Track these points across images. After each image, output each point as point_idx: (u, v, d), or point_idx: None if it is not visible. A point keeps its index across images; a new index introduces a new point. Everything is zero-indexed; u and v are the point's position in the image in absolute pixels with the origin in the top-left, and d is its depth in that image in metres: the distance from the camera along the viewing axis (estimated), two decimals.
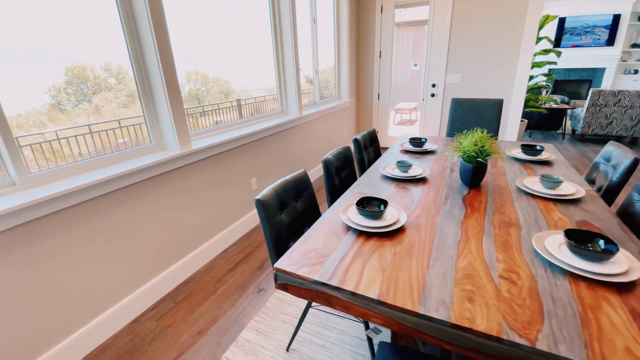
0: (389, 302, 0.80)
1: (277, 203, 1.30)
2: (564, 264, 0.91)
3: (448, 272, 0.90)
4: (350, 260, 0.97)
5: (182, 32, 1.96)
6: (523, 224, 1.16)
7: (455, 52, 3.97)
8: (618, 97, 4.37)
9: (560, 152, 1.74)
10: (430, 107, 4.36)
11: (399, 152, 2.17)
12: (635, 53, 7.19)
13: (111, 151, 1.66)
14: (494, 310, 0.76)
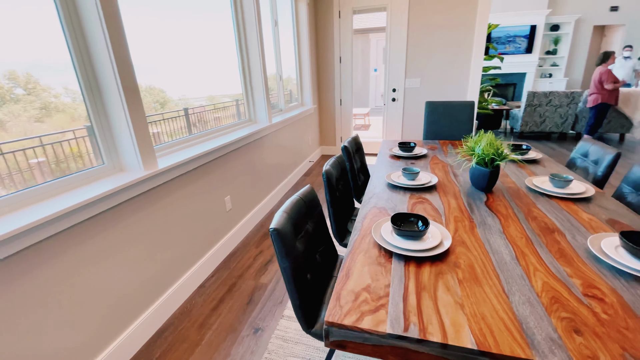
0: (493, 351, 0.64)
1: (292, 230, 1.07)
2: (633, 269, 0.84)
3: (531, 298, 0.78)
4: (416, 297, 0.80)
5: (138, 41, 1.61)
6: (562, 228, 1.10)
7: (413, 57, 4.08)
8: (549, 98, 4.91)
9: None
10: (392, 111, 4.41)
11: (388, 157, 2.06)
12: (549, 59, 8.28)
13: (51, 177, 1.26)
14: (606, 339, 0.65)
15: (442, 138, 2.70)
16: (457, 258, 0.95)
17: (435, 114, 2.67)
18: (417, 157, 2.04)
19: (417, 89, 4.20)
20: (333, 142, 4.82)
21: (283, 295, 1.84)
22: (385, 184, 1.58)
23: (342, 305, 0.78)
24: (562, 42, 8.08)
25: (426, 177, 1.57)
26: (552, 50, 8.29)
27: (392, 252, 0.99)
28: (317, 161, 4.55)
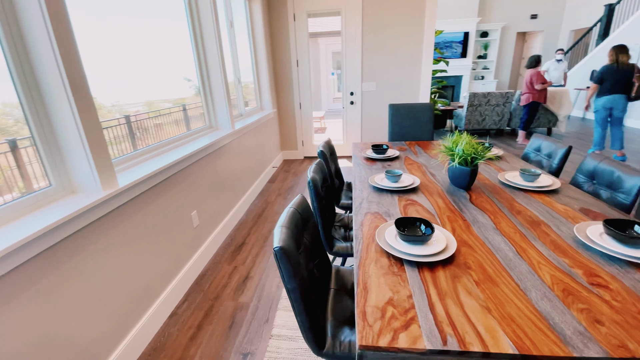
0: (534, 353, 0.64)
1: (295, 246, 0.99)
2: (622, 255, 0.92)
3: (547, 293, 0.80)
4: (442, 305, 0.77)
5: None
6: (545, 220, 1.17)
7: (368, 62, 4.18)
8: (488, 98, 5.41)
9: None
10: (351, 114, 4.48)
11: (363, 160, 2.06)
12: (481, 63, 9.14)
13: None
14: (627, 327, 0.69)
15: (406, 139, 2.78)
16: (465, 259, 0.95)
17: (398, 116, 2.75)
18: (391, 159, 2.07)
19: (374, 92, 4.32)
20: (294, 146, 4.75)
21: (268, 313, 1.73)
22: (370, 188, 1.56)
23: (371, 325, 0.72)
24: (491, 47, 8.97)
25: (409, 179, 1.59)
26: (483, 54, 9.18)
27: (401, 259, 0.96)
28: (280, 167, 4.44)
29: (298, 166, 4.43)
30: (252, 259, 2.23)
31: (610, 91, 3.79)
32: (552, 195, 1.40)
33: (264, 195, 3.43)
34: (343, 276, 1.33)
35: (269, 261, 2.20)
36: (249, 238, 2.53)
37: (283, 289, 1.90)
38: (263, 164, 3.76)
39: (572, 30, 8.34)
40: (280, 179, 3.90)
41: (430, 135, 2.73)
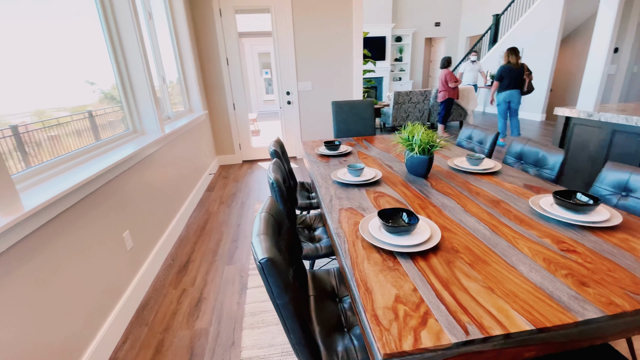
0: (548, 325, 0.65)
1: (280, 255, 0.87)
2: (575, 221, 1.03)
3: (532, 264, 0.84)
4: (449, 293, 0.74)
5: None
6: (502, 198, 1.27)
7: (302, 61, 4.15)
8: (410, 96, 5.88)
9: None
10: (289, 114, 4.40)
11: (316, 158, 2.00)
12: (397, 65, 9.95)
13: None
14: (606, 284, 0.75)
15: (351, 135, 2.82)
16: (451, 243, 0.96)
17: (342, 113, 2.77)
18: (345, 155, 2.05)
19: (310, 91, 4.31)
20: (231, 150, 4.46)
21: (233, 335, 1.54)
22: (335, 184, 1.50)
23: (388, 328, 0.65)
24: (405, 51, 9.84)
25: (370, 172, 1.58)
26: (399, 57, 10.02)
27: (392, 251, 0.92)
28: (217, 173, 4.11)
29: (237, 171, 4.17)
30: (202, 278, 1.98)
31: (508, 87, 4.46)
32: (497, 176, 1.54)
33: (203, 205, 3.11)
34: (320, 280, 1.24)
35: (223, 277, 1.98)
36: (195, 255, 2.25)
37: (245, 306, 1.72)
38: (199, 171, 3.42)
39: (467, 37, 9.64)
40: (220, 186, 3.61)
41: (372, 131, 2.81)
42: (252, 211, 2.92)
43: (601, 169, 2.32)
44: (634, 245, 0.90)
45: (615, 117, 2.14)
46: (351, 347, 0.95)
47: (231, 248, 2.32)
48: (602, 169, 1.37)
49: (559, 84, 6.85)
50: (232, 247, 2.34)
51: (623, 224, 1.02)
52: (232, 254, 2.24)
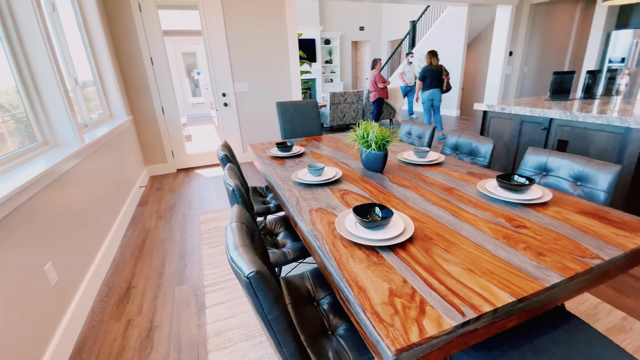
0: (525, 294, 0.72)
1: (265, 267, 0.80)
2: (518, 200, 1.17)
3: (496, 242, 0.93)
4: (436, 280, 0.78)
5: None
6: (453, 185, 1.38)
7: (237, 62, 3.99)
8: (345, 97, 6.11)
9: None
10: (227, 116, 4.18)
11: (269, 160, 1.93)
12: (328, 67, 10.25)
13: None
14: (557, 252, 0.87)
15: (297, 135, 2.80)
16: (423, 231, 1.01)
17: (287, 114, 2.73)
18: (299, 155, 2.02)
19: (247, 92, 4.17)
20: (162, 158, 4.06)
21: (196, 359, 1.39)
22: (297, 185, 1.46)
23: (392, 324, 0.65)
24: (334, 53, 10.18)
25: (331, 171, 1.58)
26: (329, 59, 10.33)
27: (373, 246, 0.93)
28: (149, 185, 3.70)
29: (172, 181, 3.81)
30: (150, 304, 1.75)
31: (430, 86, 4.93)
32: (442, 166, 1.68)
33: (137, 222, 2.77)
34: (295, 286, 1.20)
35: (175, 300, 1.79)
36: (136, 279, 1.98)
37: (207, 327, 1.57)
38: (127, 185, 3.03)
39: (389, 41, 10.41)
40: (155, 199, 3.25)
41: (319, 130, 2.83)
42: (196, 224, 2.70)
43: (515, 155, 2.69)
44: (567, 215, 1.07)
45: (522, 110, 2.52)
46: (341, 349, 0.93)
47: (179, 267, 2.10)
48: (525, 154, 1.59)
49: (468, 83, 7.84)
50: (180, 265, 2.12)
51: (553, 199, 1.20)
52: (182, 273, 2.03)
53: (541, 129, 2.47)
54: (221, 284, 1.89)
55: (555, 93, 2.94)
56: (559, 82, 2.92)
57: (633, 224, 0.99)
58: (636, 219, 1.02)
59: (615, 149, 2.00)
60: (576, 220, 1.03)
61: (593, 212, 1.08)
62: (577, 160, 1.38)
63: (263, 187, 2.28)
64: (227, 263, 2.09)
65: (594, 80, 2.86)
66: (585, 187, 1.34)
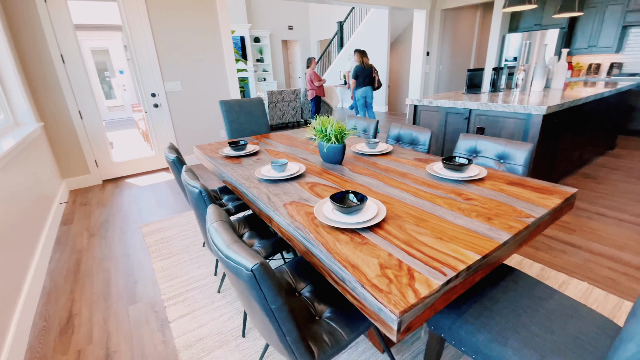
0: (487, 252, 0.86)
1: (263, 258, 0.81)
2: (461, 177, 1.36)
3: (454, 214, 1.08)
4: (415, 250, 0.88)
5: None
6: (405, 171, 1.54)
7: (167, 59, 3.70)
8: (282, 95, 6.11)
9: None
10: (158, 118, 3.86)
11: (223, 160, 1.87)
12: (260, 66, 10.09)
13: None
14: (502, 216, 1.05)
15: (245, 135, 2.74)
16: (393, 212, 1.11)
17: (233, 112, 2.66)
18: (255, 154, 1.99)
19: (181, 92, 3.91)
20: (84, 169, 3.57)
21: None
22: (262, 182, 1.46)
23: (390, 292, 0.73)
24: (265, 52, 10.07)
25: (294, 166, 1.61)
26: (260, 58, 10.18)
27: (354, 229, 0.99)
28: (72, 200, 3.22)
29: (100, 194, 3.39)
30: (101, 330, 1.57)
31: (363, 84, 5.24)
32: (392, 155, 1.83)
33: (65, 243, 2.41)
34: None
35: (131, 320, 1.63)
36: (77, 306, 1.74)
37: (175, 342, 1.47)
38: (45, 203, 2.61)
39: (318, 40, 10.69)
40: (82, 216, 2.86)
41: (267, 129, 2.81)
42: (138, 237, 2.46)
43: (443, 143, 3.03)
44: (500, 187, 1.28)
45: (447, 102, 2.87)
46: (332, 329, 0.98)
47: (129, 284, 1.91)
48: (458, 140, 1.83)
49: (393, 81, 8.51)
50: (129, 282, 1.92)
51: (487, 175, 1.42)
52: (133, 291, 1.85)
53: (463, 119, 2.84)
54: (182, 296, 1.78)
55: (469, 87, 3.40)
56: (472, 77, 3.38)
57: (549, 188, 1.24)
58: (550, 185, 1.27)
59: (521, 132, 2.43)
60: (508, 189, 1.25)
61: (518, 182, 1.32)
62: (499, 142, 1.65)
63: (216, 189, 2.19)
64: (183, 274, 1.96)
65: (497, 76, 3.39)
66: (507, 164, 1.62)
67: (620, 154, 3.90)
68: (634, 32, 4.68)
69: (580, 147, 3.21)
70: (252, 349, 1.41)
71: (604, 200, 2.68)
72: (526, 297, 1.03)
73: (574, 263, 1.90)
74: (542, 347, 0.86)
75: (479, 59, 7.67)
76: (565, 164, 3.07)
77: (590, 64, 5.17)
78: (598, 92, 2.95)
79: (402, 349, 1.38)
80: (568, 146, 2.94)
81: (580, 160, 3.36)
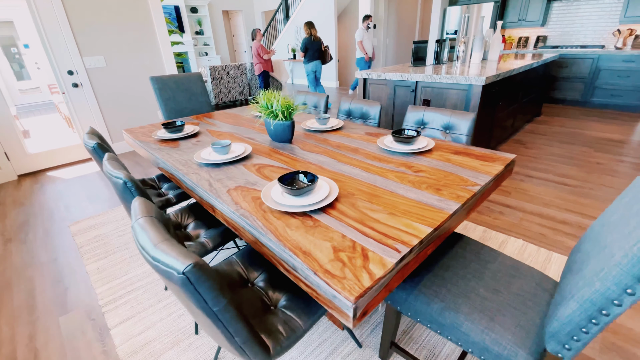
0: (437, 224, 0.85)
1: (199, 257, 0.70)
2: (409, 150, 1.36)
3: (405, 187, 1.06)
4: (368, 228, 0.84)
5: None
6: (357, 145, 1.49)
7: (83, 31, 3.17)
8: (227, 71, 5.69)
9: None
10: (79, 99, 3.36)
11: (157, 143, 1.67)
12: (200, 39, 9.28)
13: None
14: (451, 185, 1.06)
15: (185, 115, 2.49)
16: (346, 190, 1.06)
17: (167, 90, 2.38)
18: (194, 135, 1.81)
19: (105, 68, 3.42)
20: None
21: None
22: (203, 166, 1.32)
23: (344, 277, 0.68)
24: (204, 23, 9.25)
25: (239, 147, 1.48)
26: (200, 30, 9.34)
27: (306, 212, 0.93)
28: None
29: (16, 191, 2.91)
30: (26, 349, 1.36)
31: (313, 58, 5.06)
32: (343, 130, 1.78)
33: None
34: (225, 274, 1.11)
35: (63, 333, 1.43)
36: None
37: (118, 349, 1.33)
38: None
39: (262, 12, 10.07)
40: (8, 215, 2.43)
41: (209, 107, 2.58)
42: (67, 237, 2.17)
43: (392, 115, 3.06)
44: (447, 157, 1.30)
45: (395, 75, 2.87)
46: (289, 318, 0.93)
47: (58, 292, 1.68)
48: (406, 112, 1.83)
49: (342, 55, 8.39)
50: (58, 290, 1.69)
51: (435, 145, 1.44)
52: (64, 299, 1.63)
53: (410, 91, 2.88)
54: (123, 298, 1.61)
55: (415, 60, 3.44)
56: (417, 50, 3.42)
57: (490, 156, 1.29)
58: (491, 152, 1.32)
59: (463, 102, 2.52)
60: (454, 159, 1.27)
61: (463, 151, 1.35)
62: (444, 112, 1.68)
63: (154, 177, 1.97)
64: (123, 274, 1.77)
65: (440, 49, 3.46)
66: (452, 134, 1.65)
67: (545, 121, 4.32)
68: (557, 6, 5.08)
69: (513, 115, 3.47)
70: (207, 346, 1.32)
71: (533, 164, 2.96)
72: (474, 262, 1.07)
73: (510, 223, 2.07)
74: (490, 309, 0.89)
75: (422, 32, 7.84)
76: (501, 132, 3.30)
77: (520, 37, 5.55)
78: (527, 63, 3.16)
79: (360, 323, 1.39)
80: (503, 114, 3.15)
81: (513, 127, 3.64)
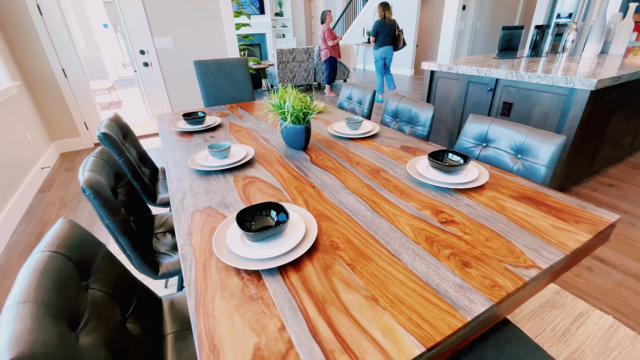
0: (438, 339, 0.52)
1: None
2: (449, 184, 0.98)
3: (415, 248, 0.73)
4: (325, 322, 0.56)
5: None
6: (381, 165, 1.16)
7: (155, 12, 3.31)
8: (293, 55, 5.57)
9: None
10: (149, 78, 3.58)
11: (176, 136, 1.58)
12: (279, 20, 9.35)
13: None
14: (486, 260, 0.69)
15: (224, 102, 2.41)
16: (329, 237, 0.78)
17: (209, 76, 2.30)
18: (213, 129, 1.68)
19: (172, 49, 3.55)
20: (74, 132, 3.43)
21: None
22: (193, 172, 1.16)
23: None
24: (284, 5, 9.25)
25: (240, 150, 1.28)
26: (279, 12, 9.39)
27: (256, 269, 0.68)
28: (57, 166, 3.13)
29: None
30: None
31: (384, 43, 4.59)
32: (376, 139, 1.45)
33: (34, 213, 2.30)
34: (185, 308, 0.95)
35: None
36: None
37: None
38: (21, 168, 2.49)
39: None
40: (61, 184, 2.75)
41: (251, 95, 2.45)
42: None
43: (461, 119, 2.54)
44: (502, 202, 0.89)
45: (469, 70, 2.33)
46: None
47: None
48: (465, 122, 1.40)
49: (423, 40, 7.57)
50: None
51: (489, 180, 1.03)
52: None
53: (487, 91, 2.31)
54: None
55: (503, 50, 2.78)
56: (507, 38, 2.74)
57: (573, 210, 0.84)
58: (576, 204, 0.87)
59: (559, 112, 1.90)
60: (512, 209, 0.86)
61: (531, 197, 0.92)
62: (519, 129, 1.21)
63: None
64: None
65: (541, 37, 2.72)
66: (525, 161, 1.19)
67: None
68: None
69: (635, 131, 2.59)
70: None
71: None
72: None
73: (600, 287, 1.50)
74: None
75: (526, 16, 6.54)
76: (613, 150, 2.49)
77: None
78: None
79: None
80: (619, 130, 2.35)
81: (633, 146, 2.74)
